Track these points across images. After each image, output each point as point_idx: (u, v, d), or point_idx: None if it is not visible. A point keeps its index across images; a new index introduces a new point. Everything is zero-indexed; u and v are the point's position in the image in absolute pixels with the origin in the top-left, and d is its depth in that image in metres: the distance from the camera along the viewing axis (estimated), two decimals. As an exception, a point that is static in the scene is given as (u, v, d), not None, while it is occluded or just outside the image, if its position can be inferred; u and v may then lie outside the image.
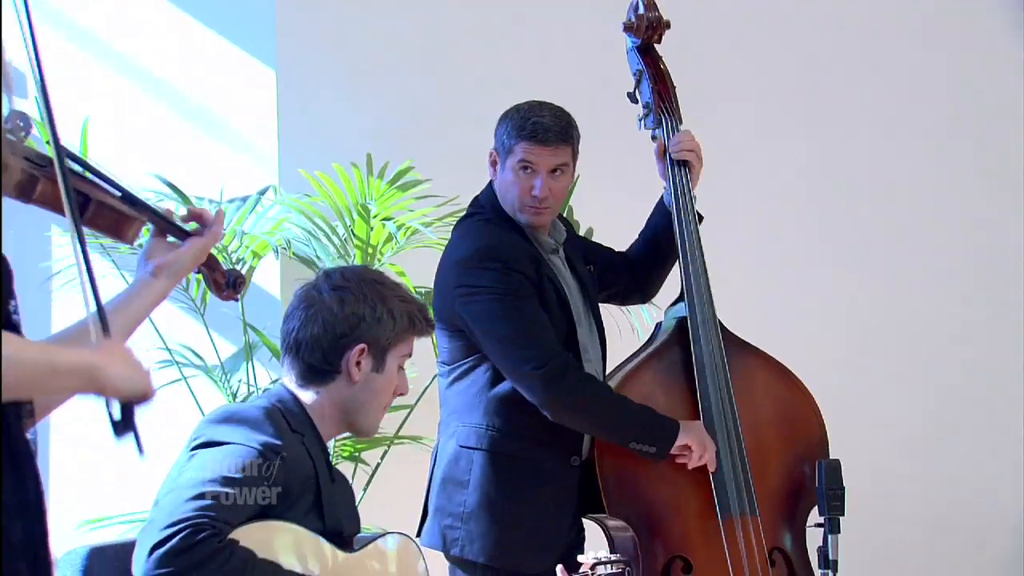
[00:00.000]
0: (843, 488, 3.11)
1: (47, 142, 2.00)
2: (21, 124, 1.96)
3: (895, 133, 5.83)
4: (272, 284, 4.94)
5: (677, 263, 3.70)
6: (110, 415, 1.87)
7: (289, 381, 2.96)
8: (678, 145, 3.65)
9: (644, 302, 4.03)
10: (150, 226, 2.26)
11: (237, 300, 2.43)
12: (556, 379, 3.37)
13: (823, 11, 5.76)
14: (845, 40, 5.77)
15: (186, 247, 2.11)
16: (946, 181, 5.85)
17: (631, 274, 3.88)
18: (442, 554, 3.55)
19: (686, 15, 3.93)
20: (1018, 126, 5.91)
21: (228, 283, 2.27)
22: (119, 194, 2.13)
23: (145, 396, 1.90)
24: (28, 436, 1.92)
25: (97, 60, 5.12)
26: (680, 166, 3.65)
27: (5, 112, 1.84)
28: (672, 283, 3.85)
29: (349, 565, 2.88)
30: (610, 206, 4.39)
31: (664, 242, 3.76)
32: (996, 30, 5.91)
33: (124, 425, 1.88)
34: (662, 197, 3.77)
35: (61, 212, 2.04)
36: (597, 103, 3.99)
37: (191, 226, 2.18)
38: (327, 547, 2.85)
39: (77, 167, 2.07)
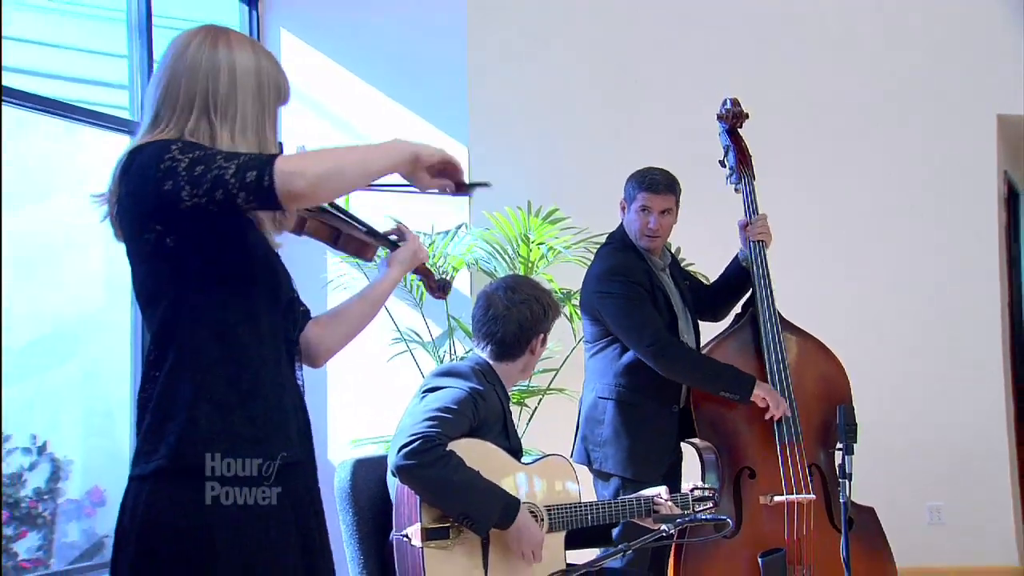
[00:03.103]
0: (856, 424, 3.06)
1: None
2: None
3: (889, 176, 5.75)
4: (464, 288, 4.98)
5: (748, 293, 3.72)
6: (452, 191, 1.88)
7: (481, 352, 3.01)
8: (756, 229, 3.66)
9: (714, 321, 3.93)
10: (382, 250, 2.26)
11: (446, 298, 2.43)
12: (663, 349, 3.42)
13: (845, 101, 5.70)
14: (853, 117, 5.70)
15: (402, 248, 2.15)
16: (924, 197, 5.73)
17: (710, 301, 3.85)
18: (586, 467, 3.58)
19: (757, 107, 3.96)
20: (988, 201, 5.82)
21: (439, 287, 2.26)
22: (363, 229, 2.13)
23: (450, 160, 1.86)
24: (298, 379, 1.94)
25: (353, 141, 5.23)
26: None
27: None
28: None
29: (527, 472, 2.89)
30: (694, 233, 4.38)
31: (736, 283, 3.76)
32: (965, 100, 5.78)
33: (464, 188, 1.89)
34: (737, 255, 3.78)
35: (324, 241, 2.10)
36: (689, 166, 4.01)
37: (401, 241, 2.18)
38: (511, 459, 2.87)
39: (334, 211, 2.07)
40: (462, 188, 1.89)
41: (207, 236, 1.77)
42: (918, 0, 5.74)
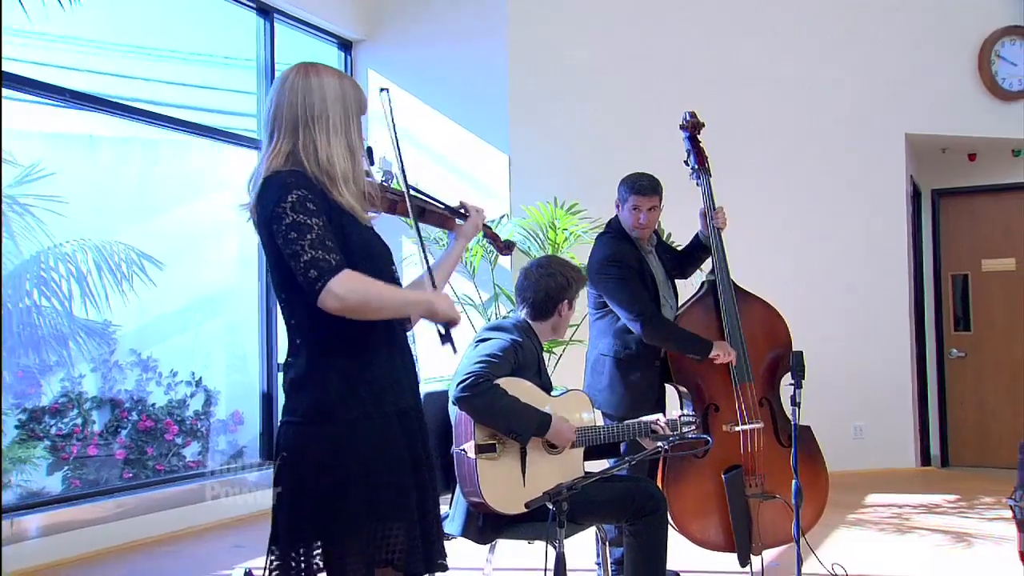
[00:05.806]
0: (805, 366, 2.94)
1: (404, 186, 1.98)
2: (389, 176, 2.00)
3: (826, 179, 5.68)
4: (506, 263, 4.94)
5: (709, 259, 3.51)
6: (439, 332, 1.85)
7: (521, 313, 2.94)
8: (719, 220, 3.46)
9: (683, 279, 3.70)
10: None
11: (511, 254, 2.32)
12: (647, 323, 3.26)
13: (795, 121, 5.61)
14: (800, 132, 5.61)
15: (467, 222, 2.12)
16: (851, 195, 5.69)
17: (679, 264, 3.63)
18: None
19: (712, 119, 3.81)
20: (898, 198, 5.70)
21: (505, 246, 2.16)
22: (441, 206, 2.09)
23: (455, 321, 1.86)
24: (408, 334, 1.92)
25: (421, 153, 5.19)
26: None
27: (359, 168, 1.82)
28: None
29: (555, 402, 2.83)
30: (674, 219, 4.29)
31: (696, 254, 3.58)
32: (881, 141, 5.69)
33: (446, 337, 1.86)
34: (697, 233, 3.57)
35: (412, 217, 2.01)
36: (669, 167, 3.89)
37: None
38: (543, 392, 2.81)
39: (417, 195, 2.04)
40: (448, 336, 1.86)
41: None
42: (850, 47, 5.75)
